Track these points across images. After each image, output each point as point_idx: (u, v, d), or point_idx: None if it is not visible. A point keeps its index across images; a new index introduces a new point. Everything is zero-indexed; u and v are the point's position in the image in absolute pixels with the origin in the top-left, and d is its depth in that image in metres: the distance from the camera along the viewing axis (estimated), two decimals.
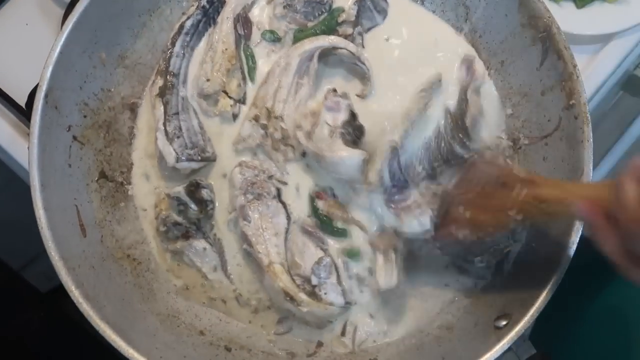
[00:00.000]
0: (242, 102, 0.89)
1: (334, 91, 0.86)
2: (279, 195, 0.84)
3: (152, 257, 0.87)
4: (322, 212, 0.84)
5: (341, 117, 0.83)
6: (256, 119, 0.86)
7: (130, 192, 0.88)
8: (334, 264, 0.82)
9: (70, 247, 0.77)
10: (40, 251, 0.75)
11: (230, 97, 0.87)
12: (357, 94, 0.88)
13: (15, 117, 0.99)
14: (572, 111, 0.81)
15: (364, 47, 0.90)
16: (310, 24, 0.90)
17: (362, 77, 0.88)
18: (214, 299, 0.86)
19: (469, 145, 0.84)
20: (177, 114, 0.86)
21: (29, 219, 0.76)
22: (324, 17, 0.90)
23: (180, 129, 0.85)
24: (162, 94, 0.86)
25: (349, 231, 0.84)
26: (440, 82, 0.86)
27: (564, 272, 0.75)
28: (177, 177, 0.87)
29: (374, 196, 0.81)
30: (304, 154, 0.85)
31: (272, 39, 0.90)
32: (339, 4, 0.91)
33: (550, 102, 0.85)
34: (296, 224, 0.84)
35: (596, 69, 1.02)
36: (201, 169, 0.87)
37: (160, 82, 0.87)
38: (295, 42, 0.89)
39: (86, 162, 0.84)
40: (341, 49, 0.86)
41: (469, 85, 0.87)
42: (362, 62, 0.87)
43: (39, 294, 1.26)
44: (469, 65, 0.89)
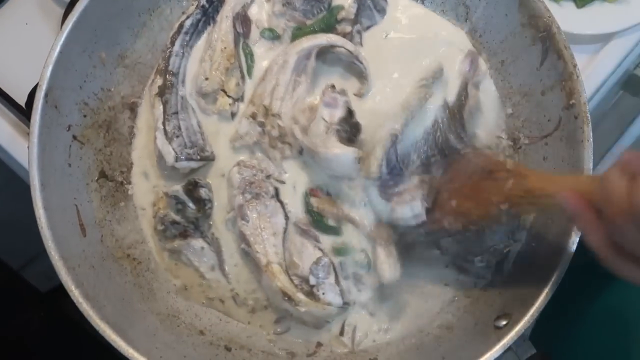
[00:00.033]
0: (241, 100, 0.89)
1: (333, 87, 0.86)
2: (277, 194, 0.84)
3: (151, 257, 0.87)
4: (314, 209, 0.84)
5: (338, 114, 0.83)
6: (253, 116, 0.85)
7: (130, 192, 0.88)
8: (332, 264, 0.82)
9: (70, 247, 0.77)
10: (40, 251, 0.75)
11: (229, 96, 0.87)
12: (354, 93, 0.88)
13: (15, 117, 0.99)
14: (572, 111, 0.81)
15: (362, 46, 0.90)
16: (309, 22, 0.90)
17: (360, 75, 0.88)
18: (212, 298, 0.86)
19: (464, 138, 0.84)
20: (176, 113, 0.86)
21: (29, 219, 0.75)
22: (322, 15, 0.90)
23: (179, 129, 0.85)
24: (161, 94, 0.86)
25: (341, 229, 0.84)
26: (442, 72, 0.86)
27: (564, 272, 0.75)
28: (176, 176, 0.87)
29: (369, 186, 0.81)
30: (301, 152, 0.84)
31: (271, 37, 0.90)
32: (339, 2, 0.90)
33: (550, 102, 0.85)
34: (293, 223, 0.84)
35: (596, 68, 1.02)
36: (200, 168, 0.87)
37: (159, 82, 0.87)
38: (293, 40, 0.89)
39: (86, 161, 0.84)
40: (339, 47, 0.86)
41: (471, 78, 0.87)
42: (360, 61, 0.87)
43: (39, 293, 1.26)
44: (474, 58, 0.89)
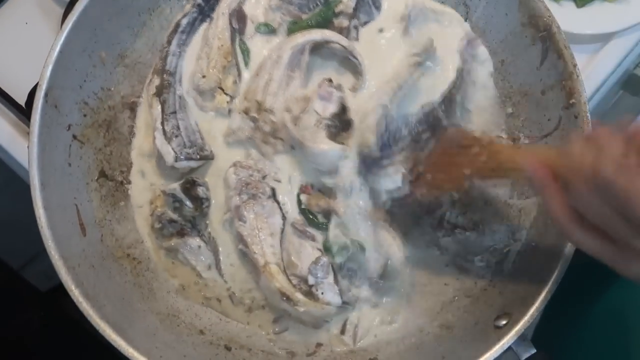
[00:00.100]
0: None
1: (330, 81, 0.85)
2: (274, 195, 0.84)
3: (151, 257, 0.87)
4: (305, 207, 0.84)
5: (331, 108, 0.82)
6: (246, 111, 0.85)
7: (130, 192, 0.88)
8: (331, 264, 0.82)
9: (70, 246, 0.77)
10: (40, 250, 0.75)
11: (226, 94, 0.87)
12: (349, 88, 0.86)
13: (15, 116, 0.99)
14: (572, 110, 0.81)
15: (358, 40, 0.88)
16: (304, 17, 0.89)
17: (355, 70, 0.87)
18: (209, 298, 0.86)
19: (453, 115, 0.85)
20: (174, 112, 0.85)
21: (29, 218, 0.75)
22: (318, 9, 0.89)
23: (178, 128, 0.85)
24: (159, 93, 0.86)
25: (329, 225, 0.83)
26: (433, 48, 0.85)
27: (564, 272, 0.75)
28: (174, 175, 0.86)
29: (360, 168, 0.81)
30: (293, 147, 0.84)
31: (266, 31, 0.89)
32: None
33: (550, 102, 0.85)
34: (289, 223, 0.84)
35: (596, 68, 1.02)
36: (198, 167, 0.86)
37: (156, 81, 0.86)
38: (289, 34, 0.88)
39: (86, 161, 0.84)
40: (333, 43, 0.86)
41: (469, 56, 0.87)
42: (355, 56, 0.86)
43: (39, 293, 1.26)
44: (473, 39, 0.89)
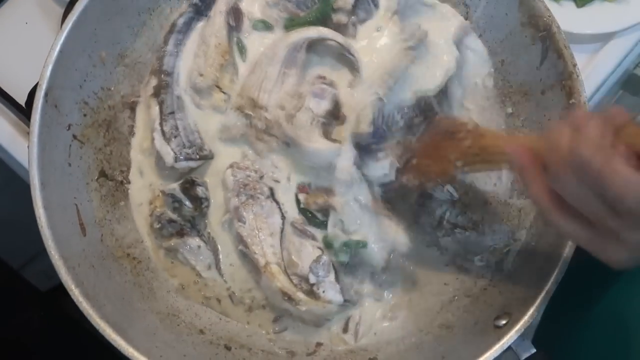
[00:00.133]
0: None
1: (322, 78, 0.85)
2: (272, 194, 0.84)
3: (151, 256, 0.87)
4: (303, 206, 0.84)
5: (324, 105, 0.82)
6: (240, 108, 0.85)
7: (130, 191, 0.88)
8: (332, 262, 0.82)
9: (70, 246, 0.77)
10: (40, 250, 0.75)
11: (223, 92, 0.86)
12: (347, 86, 0.86)
13: (15, 116, 0.99)
14: (572, 110, 0.81)
15: (355, 38, 0.88)
16: (302, 14, 0.88)
17: (352, 67, 0.86)
18: (209, 297, 0.86)
19: (445, 102, 0.85)
20: (172, 113, 0.85)
21: (29, 218, 0.75)
22: (316, 7, 0.88)
23: (176, 128, 0.85)
24: (156, 94, 0.85)
25: (328, 222, 0.83)
26: (424, 34, 0.85)
27: (563, 271, 0.75)
28: (173, 175, 0.86)
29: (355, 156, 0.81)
30: (288, 144, 0.83)
31: (263, 28, 0.89)
32: None
33: (550, 101, 0.85)
34: (288, 223, 0.84)
35: (596, 68, 1.02)
36: (198, 167, 0.86)
37: (154, 82, 0.86)
38: (286, 31, 0.88)
39: (86, 161, 0.84)
40: (330, 40, 0.85)
41: (463, 47, 0.88)
42: (351, 53, 0.85)
43: (39, 293, 1.26)
44: (466, 30, 0.89)
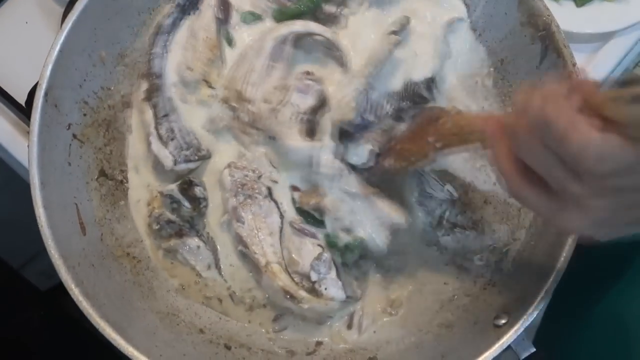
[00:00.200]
0: None
1: (308, 74, 0.84)
2: (270, 194, 0.84)
3: (151, 255, 0.87)
4: (298, 205, 0.84)
5: (309, 101, 0.82)
6: (226, 100, 0.85)
7: (129, 191, 0.88)
8: (333, 259, 0.82)
9: (70, 246, 0.77)
10: (39, 249, 0.75)
11: (210, 87, 0.86)
12: (335, 82, 0.85)
13: (15, 116, 0.99)
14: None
15: (347, 28, 0.87)
16: (290, 4, 0.87)
17: (340, 62, 0.86)
18: (210, 297, 0.86)
19: (433, 89, 0.85)
20: (166, 115, 0.85)
21: (29, 217, 0.75)
22: None
23: (172, 131, 0.84)
24: (149, 97, 0.85)
25: (324, 221, 0.83)
26: (408, 22, 0.84)
27: (563, 271, 0.75)
28: (170, 176, 0.86)
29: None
30: (273, 138, 0.83)
31: (252, 19, 0.88)
32: None
33: None
34: (287, 222, 0.84)
35: (596, 67, 1.02)
36: (196, 168, 0.86)
37: (145, 86, 0.85)
38: (275, 21, 0.87)
39: (86, 160, 0.84)
40: (317, 35, 0.84)
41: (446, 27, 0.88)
42: (339, 49, 0.85)
43: (39, 292, 1.26)
44: (454, 19, 0.89)
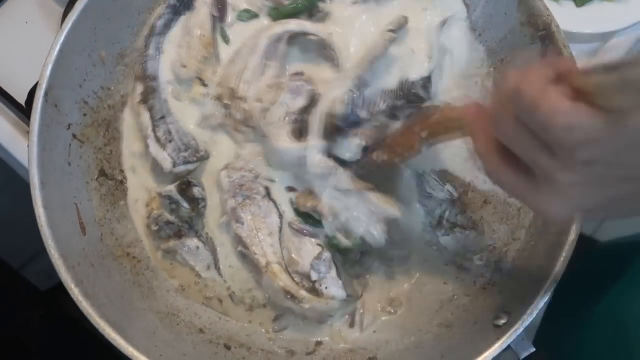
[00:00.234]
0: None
1: (299, 74, 0.84)
2: (268, 194, 0.84)
3: (150, 255, 0.87)
4: (295, 206, 0.84)
5: (299, 103, 0.82)
6: (219, 98, 0.85)
7: (128, 191, 0.88)
8: (333, 258, 0.82)
9: (69, 245, 0.77)
10: (39, 249, 0.75)
11: (204, 85, 0.86)
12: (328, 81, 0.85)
13: (14, 115, 0.99)
14: None
15: (342, 25, 0.86)
16: (286, 2, 0.87)
17: (333, 62, 0.86)
18: (210, 297, 0.86)
19: (429, 88, 0.85)
20: (163, 117, 0.84)
21: (29, 217, 0.76)
22: None
23: (169, 133, 0.84)
24: (145, 100, 0.85)
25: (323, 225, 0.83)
26: (406, 22, 0.84)
27: (563, 270, 0.75)
28: (168, 177, 0.86)
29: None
30: (265, 136, 0.83)
31: (248, 17, 0.88)
32: None
33: None
34: (286, 222, 0.84)
35: None
36: (195, 169, 0.86)
37: (140, 88, 0.85)
38: (272, 19, 0.87)
39: (86, 160, 0.84)
40: (311, 34, 0.84)
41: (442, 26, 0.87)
42: (332, 49, 0.85)
43: (39, 292, 1.26)
44: (449, 17, 0.88)
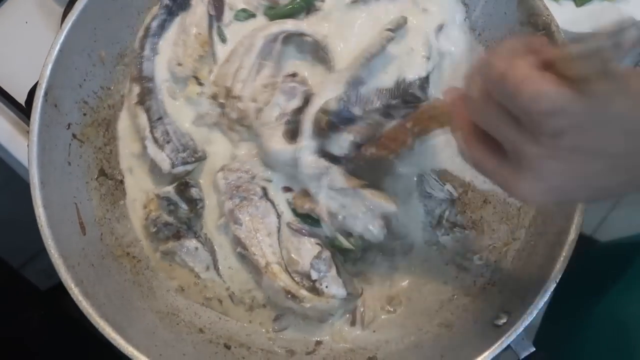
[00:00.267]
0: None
1: (293, 75, 0.84)
2: (265, 194, 0.83)
3: (150, 255, 0.87)
4: (293, 207, 0.83)
5: (293, 104, 0.82)
6: (214, 97, 0.85)
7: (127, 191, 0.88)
8: (332, 257, 0.82)
9: (69, 245, 0.77)
10: (39, 249, 0.75)
11: (199, 84, 0.85)
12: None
13: (14, 115, 0.99)
14: None
15: (340, 24, 0.85)
16: (282, 1, 0.87)
17: (327, 64, 0.85)
18: (210, 298, 0.86)
19: (426, 89, 0.84)
20: (160, 118, 0.84)
21: (29, 217, 0.76)
22: None
23: (167, 134, 0.84)
24: (141, 101, 0.84)
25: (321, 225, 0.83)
26: (405, 22, 0.84)
27: (563, 270, 0.75)
28: (166, 177, 0.86)
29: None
30: (259, 136, 0.82)
31: (245, 17, 0.88)
32: None
33: None
34: (284, 222, 0.83)
35: None
36: (193, 170, 0.86)
37: (137, 90, 0.85)
38: (269, 19, 0.87)
39: (86, 160, 0.84)
40: (307, 35, 0.84)
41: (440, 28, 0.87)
42: (326, 52, 0.84)
43: (39, 292, 1.26)
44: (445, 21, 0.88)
